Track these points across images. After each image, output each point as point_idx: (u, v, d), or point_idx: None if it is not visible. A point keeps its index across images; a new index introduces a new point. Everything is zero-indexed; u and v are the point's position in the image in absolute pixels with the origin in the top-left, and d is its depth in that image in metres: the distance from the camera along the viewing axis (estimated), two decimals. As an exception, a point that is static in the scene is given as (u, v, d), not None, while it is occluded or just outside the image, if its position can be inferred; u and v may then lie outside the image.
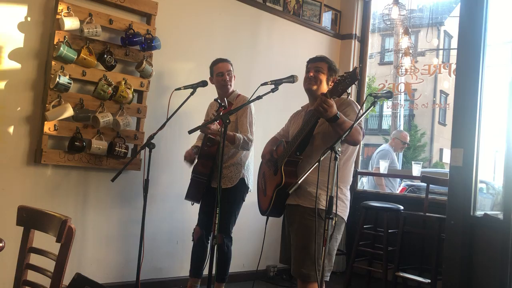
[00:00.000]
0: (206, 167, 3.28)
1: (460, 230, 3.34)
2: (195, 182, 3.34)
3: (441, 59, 15.27)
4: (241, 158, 3.38)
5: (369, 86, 11.12)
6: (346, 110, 2.50)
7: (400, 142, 5.62)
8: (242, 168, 3.38)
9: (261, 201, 2.75)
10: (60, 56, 3.08)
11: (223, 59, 3.44)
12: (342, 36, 5.22)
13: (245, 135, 3.24)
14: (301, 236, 2.46)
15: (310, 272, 2.38)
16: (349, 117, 2.44)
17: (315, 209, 2.41)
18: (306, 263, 2.40)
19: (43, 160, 3.12)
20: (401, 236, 4.03)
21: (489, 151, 3.62)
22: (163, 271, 3.84)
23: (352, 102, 2.60)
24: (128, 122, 3.43)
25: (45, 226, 1.58)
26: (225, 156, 3.28)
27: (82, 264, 3.35)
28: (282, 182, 2.45)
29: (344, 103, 2.55)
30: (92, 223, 3.44)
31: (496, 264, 3.18)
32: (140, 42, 3.47)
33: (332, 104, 2.28)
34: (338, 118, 2.32)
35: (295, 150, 2.49)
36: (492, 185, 4.80)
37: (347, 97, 2.60)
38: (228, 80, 3.38)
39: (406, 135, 5.83)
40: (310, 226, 2.42)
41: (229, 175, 3.34)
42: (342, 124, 2.33)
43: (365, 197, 4.69)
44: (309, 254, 2.39)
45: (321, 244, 2.31)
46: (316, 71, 2.58)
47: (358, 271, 4.61)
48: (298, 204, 2.50)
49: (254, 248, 4.19)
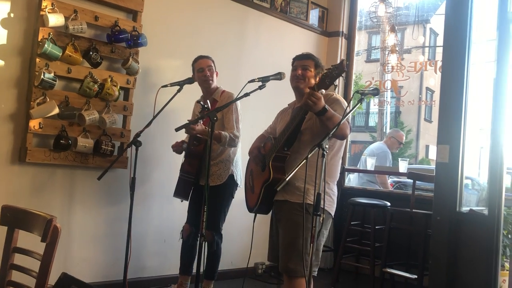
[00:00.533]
0: (193, 166, 3.28)
1: (446, 226, 3.37)
2: (183, 180, 3.35)
3: (427, 57, 15.41)
4: (229, 155, 3.38)
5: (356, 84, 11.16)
6: (333, 106, 2.50)
7: (397, 142, 5.61)
8: (230, 165, 3.38)
9: (249, 199, 2.74)
10: (44, 53, 3.04)
11: (203, 56, 3.43)
12: (329, 34, 5.23)
13: (231, 132, 3.24)
14: (288, 232, 2.46)
15: (297, 267, 2.38)
16: (337, 112, 2.45)
17: (303, 204, 2.42)
18: (293, 258, 2.40)
19: (27, 158, 3.08)
20: (388, 232, 4.06)
21: (474, 147, 3.66)
22: (151, 269, 3.82)
23: (340, 98, 2.61)
24: (114, 120, 3.40)
25: (29, 225, 1.55)
26: (214, 153, 3.27)
27: (68, 264, 3.31)
28: (270, 178, 2.45)
29: (331, 99, 2.56)
30: (78, 222, 3.41)
31: (482, 259, 3.22)
32: (126, 39, 3.44)
33: (320, 97, 2.29)
34: (327, 111, 2.32)
35: (283, 146, 2.49)
36: (477, 181, 4.85)
37: (333, 94, 2.61)
38: (208, 75, 3.36)
39: (403, 135, 5.85)
40: (298, 221, 2.42)
41: (218, 172, 3.34)
42: (331, 117, 2.34)
43: (353, 194, 4.71)
44: (296, 249, 2.40)
45: (308, 239, 2.32)
46: (303, 69, 2.58)
47: (346, 268, 4.64)
48: (286, 199, 2.51)
49: (242, 246, 4.19)
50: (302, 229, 2.37)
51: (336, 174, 2.63)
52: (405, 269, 4.17)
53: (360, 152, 18.86)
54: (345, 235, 4.31)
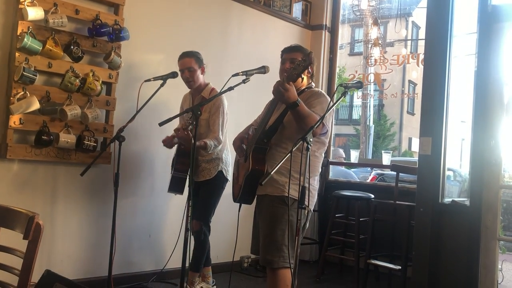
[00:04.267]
0: (185, 165, 3.33)
1: (429, 217, 3.43)
2: (177, 179, 3.39)
3: (409, 50, 15.54)
4: (218, 153, 3.44)
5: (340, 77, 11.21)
6: (312, 101, 2.48)
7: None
8: (220, 162, 3.45)
9: (234, 189, 2.75)
10: (24, 47, 2.98)
11: (185, 54, 3.38)
12: (313, 27, 5.23)
13: (215, 137, 3.29)
14: (267, 224, 2.47)
15: (274, 258, 2.40)
16: (314, 108, 2.43)
17: (281, 197, 2.43)
18: (270, 249, 2.42)
19: (8, 155, 3.03)
20: (372, 224, 4.11)
21: (456, 139, 3.72)
22: (136, 265, 3.80)
23: (322, 95, 2.58)
24: (96, 115, 3.36)
25: (11, 222, 1.53)
26: (203, 152, 3.36)
27: (52, 261, 3.28)
28: (250, 169, 2.45)
29: (314, 94, 2.55)
30: (61, 219, 3.37)
31: (464, 249, 3.29)
32: (108, 33, 3.39)
33: (289, 88, 2.27)
34: (298, 105, 2.31)
35: (262, 137, 2.49)
36: (459, 173, 4.93)
37: (318, 90, 2.60)
38: (188, 77, 3.35)
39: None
40: (275, 213, 2.44)
41: (208, 168, 3.41)
42: (301, 111, 2.32)
43: (337, 187, 4.74)
44: (273, 240, 2.41)
45: (285, 231, 2.35)
46: (291, 62, 2.54)
47: (331, 260, 4.68)
48: (265, 194, 2.51)
49: (227, 240, 4.19)
50: (280, 222, 2.39)
51: (317, 169, 2.63)
52: (389, 260, 4.22)
53: (344, 145, 19.02)
54: (329, 228, 4.34)
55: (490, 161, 3.25)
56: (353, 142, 19.08)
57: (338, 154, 5.91)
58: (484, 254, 3.21)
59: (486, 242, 3.22)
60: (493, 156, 3.25)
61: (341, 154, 5.91)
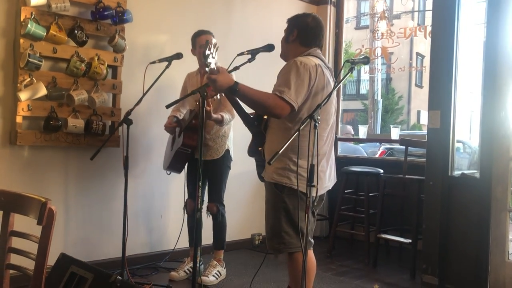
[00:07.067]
0: (193, 139, 3.28)
1: (439, 190, 3.42)
2: (180, 153, 3.33)
3: (416, 22, 15.28)
4: (225, 130, 3.44)
5: (346, 52, 11.07)
6: (278, 75, 2.33)
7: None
8: (226, 140, 3.46)
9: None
10: (28, 33, 2.97)
11: (205, 31, 3.41)
12: (318, 2, 5.16)
13: (228, 110, 3.28)
14: (266, 211, 2.44)
15: (275, 245, 2.37)
16: (275, 86, 2.31)
17: (274, 184, 2.35)
18: (271, 236, 2.39)
19: (18, 141, 3.05)
20: (382, 199, 4.12)
21: (465, 111, 3.68)
22: (149, 245, 3.86)
23: (289, 65, 2.30)
24: (103, 99, 3.37)
25: (25, 209, 1.55)
26: (212, 129, 3.37)
27: (66, 244, 3.33)
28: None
29: (284, 67, 2.34)
30: (73, 203, 3.41)
31: (474, 221, 3.29)
32: (111, 16, 3.37)
33: (220, 71, 2.21)
34: (237, 91, 2.20)
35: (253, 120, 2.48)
36: (469, 145, 4.89)
37: (293, 60, 2.32)
38: None
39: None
40: (270, 200, 2.40)
41: (215, 147, 3.42)
42: (245, 94, 2.22)
43: (346, 163, 4.74)
44: (272, 228, 2.38)
45: (280, 218, 2.30)
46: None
47: (341, 235, 4.72)
48: (267, 180, 2.43)
49: (238, 218, 4.23)
50: (275, 209, 2.34)
51: (305, 150, 2.25)
52: (399, 234, 4.24)
53: (352, 121, 18.94)
54: (339, 204, 4.36)
55: (500, 132, 3.22)
56: (361, 117, 18.98)
57: (346, 131, 5.90)
58: (494, 226, 3.21)
59: (496, 214, 3.22)
60: (503, 128, 3.22)
61: (349, 130, 5.89)
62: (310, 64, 2.29)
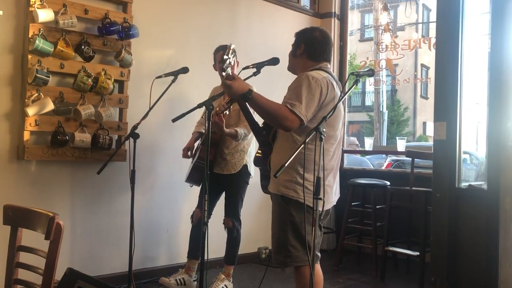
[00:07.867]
0: (210, 153, 3.27)
1: (446, 202, 3.39)
2: (198, 167, 3.35)
3: (420, 33, 15.33)
4: (244, 145, 3.45)
5: (351, 64, 11.11)
6: (289, 88, 2.33)
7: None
8: (245, 155, 3.46)
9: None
10: (36, 49, 3.01)
11: (223, 47, 3.41)
12: (322, 15, 5.19)
13: (245, 126, 3.25)
14: (272, 224, 2.43)
15: (281, 258, 2.35)
16: (287, 95, 2.30)
17: (280, 196, 2.34)
18: (277, 250, 2.37)
19: (26, 156, 3.08)
20: (389, 211, 4.09)
21: (471, 122, 3.66)
22: (156, 260, 3.85)
23: (301, 79, 2.30)
24: (110, 113, 3.39)
25: (32, 224, 1.56)
26: (230, 143, 3.38)
27: (72, 259, 3.33)
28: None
29: (295, 80, 2.35)
30: (80, 217, 3.42)
31: (483, 233, 3.25)
32: (117, 31, 3.41)
33: (236, 78, 2.21)
34: (250, 99, 2.19)
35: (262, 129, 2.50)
36: (476, 156, 4.87)
37: (304, 74, 2.33)
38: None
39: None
40: (276, 213, 2.39)
41: (232, 161, 3.42)
42: (257, 102, 2.21)
43: (352, 175, 4.73)
44: (278, 241, 2.36)
45: (286, 231, 2.28)
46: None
47: (349, 248, 4.68)
48: (272, 191, 2.43)
49: (245, 231, 4.21)
50: (281, 222, 2.33)
51: (312, 163, 2.27)
52: (407, 247, 4.21)
53: (357, 132, 18.91)
54: (346, 216, 4.34)
55: (507, 143, 3.20)
56: (367, 128, 18.94)
57: (350, 141, 5.88)
58: (503, 237, 3.18)
59: (505, 225, 3.18)
60: (509, 138, 3.19)
61: (353, 141, 5.88)
62: (321, 79, 2.30)
